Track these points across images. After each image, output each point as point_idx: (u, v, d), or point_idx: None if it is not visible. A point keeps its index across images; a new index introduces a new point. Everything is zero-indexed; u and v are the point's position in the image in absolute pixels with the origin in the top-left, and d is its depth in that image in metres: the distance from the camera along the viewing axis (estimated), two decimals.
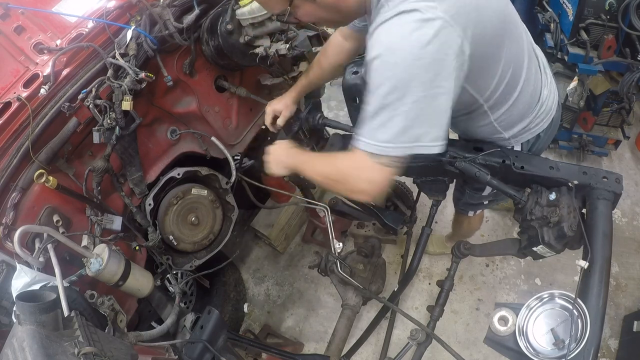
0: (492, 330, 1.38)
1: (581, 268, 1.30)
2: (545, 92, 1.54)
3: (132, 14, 1.69)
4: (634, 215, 3.01)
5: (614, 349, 2.44)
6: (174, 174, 1.89)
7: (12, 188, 1.45)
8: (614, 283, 2.67)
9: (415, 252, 1.90)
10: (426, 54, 1.06)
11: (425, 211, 2.81)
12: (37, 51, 1.64)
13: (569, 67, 2.81)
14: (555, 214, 1.35)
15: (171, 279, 1.90)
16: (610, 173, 1.43)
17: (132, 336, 1.47)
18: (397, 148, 1.14)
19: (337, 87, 3.73)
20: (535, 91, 1.49)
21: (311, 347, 2.62)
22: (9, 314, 1.36)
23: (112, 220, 1.69)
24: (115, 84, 1.52)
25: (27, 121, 1.46)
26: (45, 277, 1.37)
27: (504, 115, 1.47)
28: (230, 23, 1.70)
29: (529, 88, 1.45)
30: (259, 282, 2.95)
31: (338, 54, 1.76)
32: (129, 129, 1.60)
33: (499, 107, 1.44)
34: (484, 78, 1.32)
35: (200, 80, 1.87)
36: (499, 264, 2.82)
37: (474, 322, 2.62)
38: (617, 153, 3.29)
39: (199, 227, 2.02)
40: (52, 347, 1.04)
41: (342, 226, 2.74)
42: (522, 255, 1.54)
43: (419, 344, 1.70)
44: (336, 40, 1.75)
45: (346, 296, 1.99)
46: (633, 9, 2.36)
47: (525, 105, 1.48)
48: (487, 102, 1.40)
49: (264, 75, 2.08)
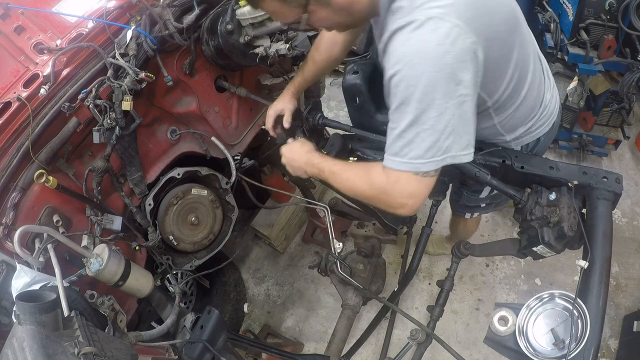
0: (492, 330, 1.38)
1: (581, 268, 1.30)
2: (548, 96, 1.54)
3: (132, 14, 1.69)
4: (634, 215, 3.01)
5: (614, 349, 2.45)
6: (174, 174, 1.89)
7: (12, 188, 1.45)
8: (614, 283, 2.67)
9: (415, 252, 1.90)
10: (446, 64, 1.06)
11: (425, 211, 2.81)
12: (37, 51, 1.64)
13: (569, 67, 2.81)
14: (555, 214, 1.35)
15: (171, 279, 1.90)
16: (610, 173, 1.43)
17: (132, 336, 1.47)
18: (429, 163, 1.14)
19: (337, 87, 3.73)
20: (539, 95, 1.49)
21: (311, 347, 2.62)
22: (9, 314, 1.36)
23: (112, 220, 1.69)
24: (115, 84, 1.52)
25: (27, 121, 1.46)
26: (45, 277, 1.37)
27: (507, 118, 1.47)
28: (230, 23, 1.69)
29: (533, 92, 1.45)
30: (259, 282, 2.95)
31: (331, 47, 1.73)
32: (129, 129, 1.60)
33: (504, 109, 1.44)
34: (494, 81, 1.31)
35: (200, 80, 1.87)
36: (499, 264, 2.82)
37: (474, 322, 2.62)
38: (617, 153, 3.29)
39: (199, 227, 2.02)
40: (52, 347, 1.04)
41: (342, 226, 2.74)
42: (522, 255, 1.54)
43: (419, 344, 1.70)
44: (328, 33, 1.71)
45: (346, 296, 1.99)
46: (633, 9, 2.36)
47: (529, 108, 1.48)
48: (494, 104, 1.39)
49: (264, 75, 2.08)
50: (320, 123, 1.88)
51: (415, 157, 1.14)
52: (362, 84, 1.72)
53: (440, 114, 1.09)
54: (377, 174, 1.25)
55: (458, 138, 1.14)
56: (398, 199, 1.22)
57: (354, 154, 1.85)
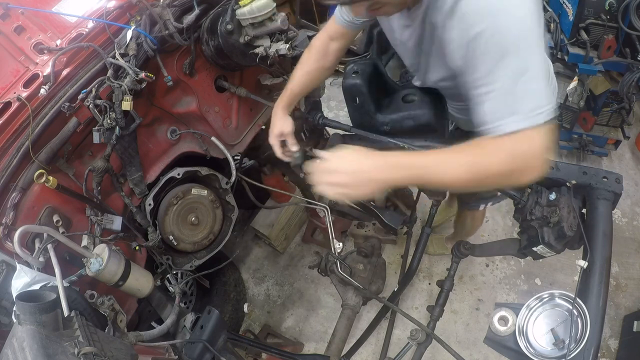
0: (492, 330, 1.38)
1: (581, 268, 1.30)
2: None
3: (132, 14, 1.69)
4: (634, 215, 3.01)
5: (614, 349, 2.44)
6: (174, 174, 1.89)
7: (12, 188, 1.45)
8: (614, 283, 2.67)
9: (415, 252, 1.90)
10: (529, 8, 1.03)
11: (425, 211, 2.82)
12: (37, 51, 1.64)
13: (569, 67, 2.81)
14: (555, 214, 1.35)
15: (171, 279, 1.90)
16: (610, 173, 1.43)
17: (132, 336, 1.47)
18: (549, 108, 1.03)
19: (337, 87, 3.73)
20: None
21: (311, 347, 2.62)
22: (9, 314, 1.36)
23: (112, 220, 1.69)
24: (115, 84, 1.52)
25: (27, 121, 1.46)
26: (45, 277, 1.37)
27: None
28: (230, 23, 1.69)
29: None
30: (259, 282, 2.95)
31: (323, 57, 1.65)
32: (129, 129, 1.60)
33: None
34: None
35: (200, 80, 1.87)
36: (499, 264, 2.82)
37: (474, 322, 2.62)
38: (617, 153, 3.29)
39: (199, 227, 2.02)
40: (52, 347, 1.04)
41: (342, 226, 2.74)
42: (522, 255, 1.54)
43: (419, 344, 1.70)
44: (320, 43, 1.64)
45: (346, 296, 1.99)
46: (633, 9, 2.36)
47: None
48: None
49: (264, 75, 2.08)
50: (320, 123, 1.88)
51: (535, 107, 1.02)
52: (362, 84, 1.71)
53: (541, 58, 1.05)
54: (499, 145, 1.05)
55: (548, 81, 1.10)
56: (536, 160, 1.05)
57: None
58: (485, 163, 1.06)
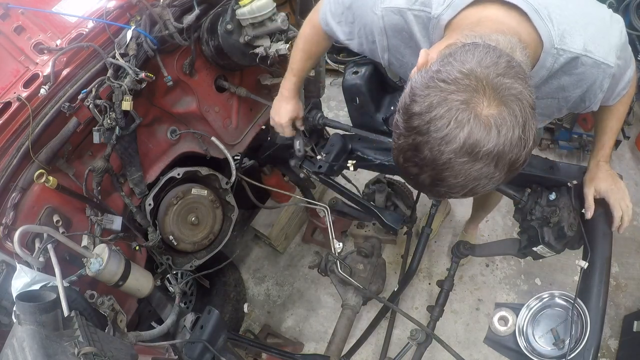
0: (492, 330, 1.39)
1: (581, 268, 1.30)
2: None
3: (132, 14, 1.69)
4: (634, 215, 3.00)
5: (614, 349, 2.44)
6: (174, 174, 1.89)
7: (12, 188, 1.45)
8: (614, 283, 2.67)
9: (415, 252, 1.90)
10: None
11: (425, 211, 2.81)
12: (37, 51, 1.64)
13: None
14: (555, 214, 1.35)
15: (171, 279, 1.90)
16: None
17: (132, 336, 1.47)
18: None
19: (337, 87, 3.73)
20: None
21: (311, 347, 2.62)
22: (9, 314, 1.36)
23: (112, 220, 1.69)
24: (115, 84, 1.52)
25: (27, 121, 1.46)
26: (45, 277, 1.37)
27: None
28: (230, 23, 1.70)
29: None
30: (259, 282, 2.95)
31: (324, 39, 1.57)
32: (129, 129, 1.60)
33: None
34: None
35: (200, 80, 1.87)
36: (499, 264, 2.82)
37: (474, 322, 2.62)
38: (617, 153, 3.28)
39: (199, 227, 2.02)
40: (52, 347, 1.04)
41: (342, 226, 2.74)
42: (522, 255, 1.55)
43: (419, 344, 1.70)
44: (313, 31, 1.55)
45: (346, 296, 1.99)
46: (633, 9, 2.36)
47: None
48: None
49: (264, 75, 2.08)
50: (320, 123, 1.88)
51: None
52: (362, 84, 1.72)
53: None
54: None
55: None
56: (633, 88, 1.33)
57: (354, 154, 1.85)
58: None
